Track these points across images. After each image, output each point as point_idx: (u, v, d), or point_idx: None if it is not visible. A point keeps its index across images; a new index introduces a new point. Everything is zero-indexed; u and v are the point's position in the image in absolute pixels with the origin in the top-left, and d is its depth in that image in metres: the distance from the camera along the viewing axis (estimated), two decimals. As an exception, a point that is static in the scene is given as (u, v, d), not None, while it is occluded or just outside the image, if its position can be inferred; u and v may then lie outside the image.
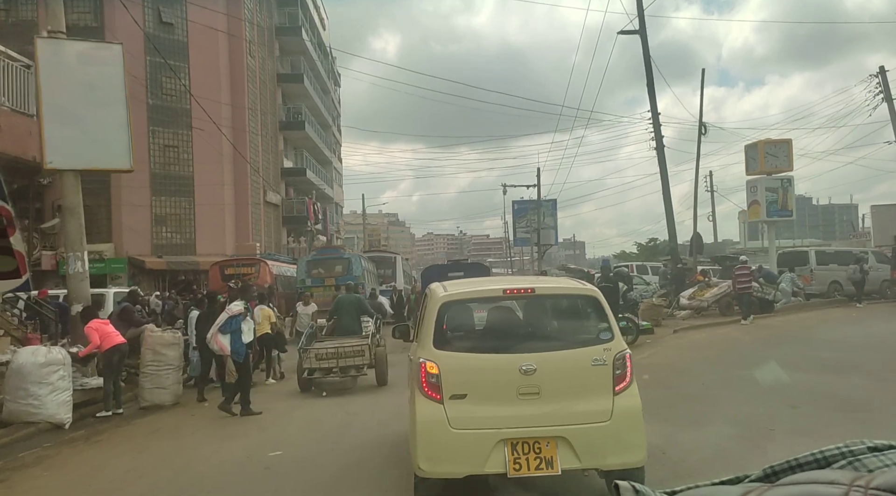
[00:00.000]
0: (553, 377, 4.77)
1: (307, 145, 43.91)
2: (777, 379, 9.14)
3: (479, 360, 4.96)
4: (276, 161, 38.94)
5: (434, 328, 4.96)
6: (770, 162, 22.97)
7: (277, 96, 39.89)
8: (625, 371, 4.86)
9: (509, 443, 4.58)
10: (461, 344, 5.27)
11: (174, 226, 29.54)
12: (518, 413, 4.67)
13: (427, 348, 4.93)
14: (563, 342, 5.16)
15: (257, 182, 33.99)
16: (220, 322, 8.74)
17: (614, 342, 4.91)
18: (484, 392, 4.77)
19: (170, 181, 29.22)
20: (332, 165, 53.64)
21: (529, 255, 74.24)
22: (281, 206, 39.87)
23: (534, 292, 5.30)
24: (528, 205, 56.28)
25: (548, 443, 4.59)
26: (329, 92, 53.26)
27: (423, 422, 4.76)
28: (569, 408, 4.71)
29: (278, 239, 39.05)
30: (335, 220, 54.96)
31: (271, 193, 36.96)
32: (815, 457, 0.78)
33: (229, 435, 8.18)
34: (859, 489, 0.64)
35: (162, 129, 29.02)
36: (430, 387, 4.79)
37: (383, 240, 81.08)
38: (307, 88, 41.57)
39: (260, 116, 35.36)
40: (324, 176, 48.29)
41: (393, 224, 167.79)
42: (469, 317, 5.73)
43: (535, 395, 4.70)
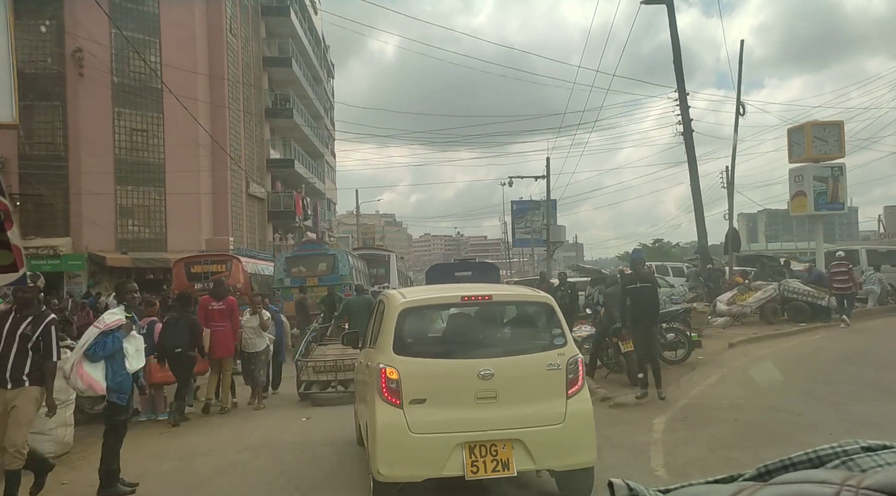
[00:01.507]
0: (510, 381, 4.86)
1: (296, 136, 40.85)
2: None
3: (439, 366, 5.03)
4: (261, 151, 35.91)
5: (393, 334, 4.97)
6: (818, 147, 20.03)
7: (263, 81, 36.85)
8: (577, 375, 5.00)
9: (467, 447, 4.68)
10: (420, 349, 5.24)
11: (142, 218, 26.49)
12: (476, 416, 4.74)
13: (387, 354, 4.94)
14: (520, 347, 5.29)
15: (238, 172, 30.96)
16: (84, 343, 5.65)
17: (567, 347, 5.05)
18: (443, 396, 4.85)
19: (137, 168, 26.17)
20: (324, 159, 50.61)
21: (528, 257, 72.11)
22: (266, 200, 36.83)
23: (491, 299, 5.40)
24: (528, 205, 54.68)
25: (504, 446, 4.70)
26: (321, 81, 50.22)
27: (383, 426, 4.78)
28: (524, 412, 4.80)
29: (263, 235, 36.01)
30: (327, 216, 51.88)
31: (255, 185, 33.90)
32: (809, 457, 0.78)
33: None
34: (850, 488, 0.63)
35: (129, 110, 25.98)
36: (389, 392, 4.81)
37: (378, 239, 78.01)
38: (296, 74, 38.53)
39: (242, 101, 32.33)
40: (314, 169, 45.24)
41: (390, 224, 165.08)
42: (428, 323, 5.85)
43: (492, 399, 4.79)
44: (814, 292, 18.20)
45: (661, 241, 76.06)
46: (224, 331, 9.68)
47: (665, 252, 66.27)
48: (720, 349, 12.51)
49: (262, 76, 36.72)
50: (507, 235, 70.39)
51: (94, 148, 24.40)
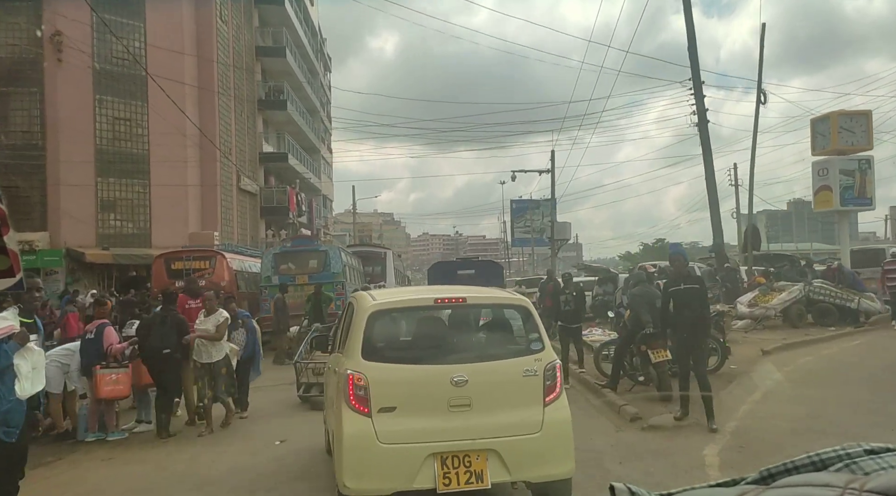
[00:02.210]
0: (484, 388, 4.65)
1: (291, 129, 39.46)
2: None
3: (410, 372, 4.78)
4: (253, 144, 34.53)
5: (362, 338, 4.71)
6: (845, 138, 18.70)
7: (256, 71, 35.49)
8: (555, 382, 4.80)
9: (439, 458, 4.44)
10: (390, 354, 4.99)
11: (125, 212, 25.10)
12: (449, 426, 4.53)
13: (355, 359, 4.69)
14: (495, 352, 5.08)
15: (228, 165, 29.58)
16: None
17: (545, 352, 4.83)
18: (414, 404, 4.61)
19: (120, 159, 24.77)
20: (319, 154, 49.24)
21: (527, 256, 70.98)
22: (259, 195, 35.47)
23: (465, 302, 5.20)
24: (528, 204, 53.48)
25: (478, 457, 4.47)
26: (317, 74, 48.84)
27: (350, 436, 4.53)
28: (500, 420, 4.59)
29: (255, 232, 34.63)
30: (322, 213, 50.52)
31: (246, 180, 32.52)
32: (812, 460, 0.77)
33: None
34: (853, 491, 0.63)
35: (111, 98, 24.57)
36: (357, 399, 4.56)
37: (376, 237, 76.50)
38: (290, 65, 37.16)
39: (233, 91, 30.94)
40: (310, 165, 43.87)
41: (388, 223, 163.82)
42: (399, 326, 5.56)
43: (466, 407, 4.57)
44: (843, 294, 16.92)
45: (663, 240, 74.67)
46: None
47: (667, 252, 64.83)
48: (752, 356, 11.15)
49: (255, 66, 35.35)
50: (505, 235, 69.57)
51: (74, 137, 23.00)
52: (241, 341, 8.81)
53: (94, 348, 7.98)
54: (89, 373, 7.92)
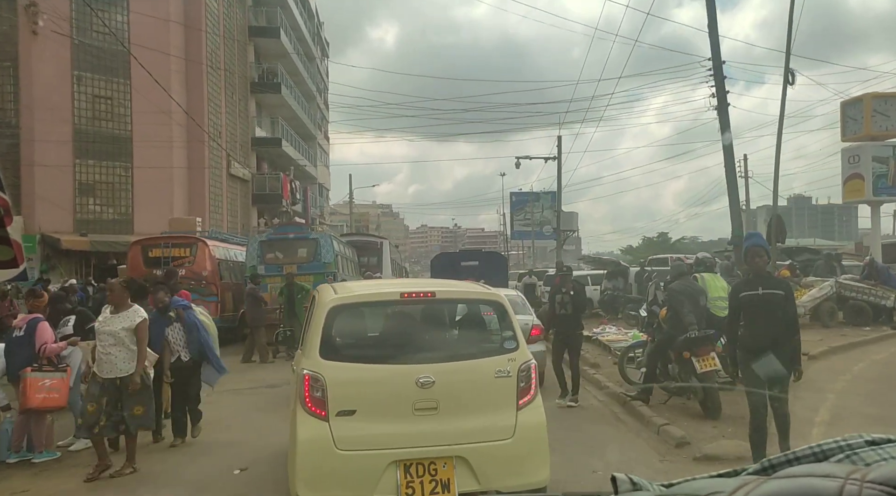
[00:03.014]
0: (453, 390, 4.33)
1: (286, 114, 37.93)
2: None
3: (371, 372, 4.43)
4: (245, 128, 33.04)
5: (321, 335, 4.37)
6: (879, 123, 17.30)
7: (249, 53, 33.95)
8: (529, 383, 4.49)
9: (402, 465, 4.13)
10: (351, 353, 4.69)
11: (105, 197, 23.65)
12: (413, 430, 4.21)
13: (312, 358, 4.33)
14: (466, 352, 4.80)
15: (218, 149, 28.10)
16: None
17: (519, 351, 4.52)
18: (376, 407, 4.28)
19: (100, 140, 23.29)
20: (316, 141, 47.71)
21: (526, 249, 70.16)
22: (251, 182, 34.01)
23: (434, 297, 4.80)
24: (528, 196, 53.06)
25: (445, 464, 4.17)
26: (314, 59, 47.21)
27: (305, 442, 4.18)
28: (469, 425, 4.27)
29: (247, 220, 33.19)
30: (318, 202, 49.03)
31: (237, 165, 31.05)
32: (813, 451, 0.77)
33: None
34: (855, 482, 0.63)
35: (91, 74, 23.08)
36: (313, 402, 4.22)
37: (374, 229, 74.97)
38: (285, 46, 35.58)
39: (224, 72, 29.43)
40: (305, 152, 42.33)
41: (386, 214, 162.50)
42: (361, 323, 5.15)
43: (432, 411, 4.24)
44: (876, 291, 15.59)
45: (666, 234, 73.45)
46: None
47: (671, 246, 63.59)
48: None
49: (248, 47, 33.82)
50: (505, 227, 68.94)
51: (51, 115, 21.52)
52: (179, 341, 6.98)
53: (24, 348, 6.59)
54: (16, 379, 6.53)
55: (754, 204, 55.67)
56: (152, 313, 6.76)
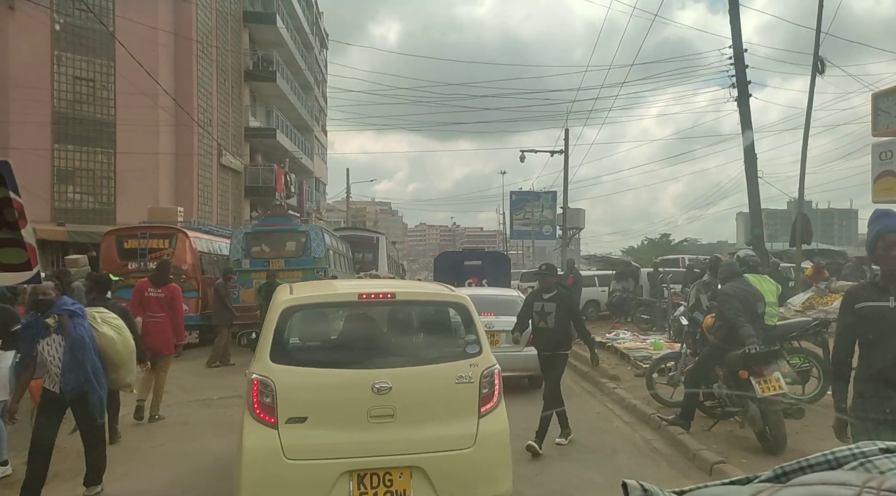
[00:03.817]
0: (411, 397, 4.14)
1: (281, 105, 36.58)
2: None
3: (325, 376, 4.25)
4: (238, 117, 31.72)
5: (272, 338, 4.17)
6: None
7: (243, 39, 32.61)
8: (493, 389, 4.30)
9: (355, 475, 3.93)
10: (304, 357, 4.59)
11: (86, 184, 22.32)
12: (368, 439, 4.01)
13: (262, 362, 4.11)
14: (425, 356, 4.56)
15: (208, 138, 26.79)
16: None
17: (482, 356, 4.34)
18: (328, 414, 4.08)
19: (81, 125, 21.97)
20: (313, 134, 46.36)
21: (525, 249, 69.39)
22: (244, 173, 32.70)
23: (394, 298, 4.68)
24: (528, 196, 52.03)
25: (401, 475, 3.97)
26: (312, 49, 45.89)
27: (252, 450, 3.96)
28: (427, 434, 4.08)
29: (238, 213, 31.87)
30: (315, 197, 47.71)
31: (228, 156, 29.73)
32: (827, 458, 0.76)
33: None
34: (871, 490, 0.62)
35: (72, 55, 21.74)
36: (262, 408, 4.01)
37: (371, 225, 73.63)
38: (282, 34, 34.25)
39: (216, 57, 28.10)
40: (301, 144, 41.00)
41: (385, 212, 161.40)
42: (316, 325, 5.06)
43: (388, 418, 4.04)
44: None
45: (668, 235, 72.27)
46: (160, 324, 8.24)
47: (673, 247, 62.41)
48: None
49: (242, 33, 32.47)
50: (504, 227, 68.25)
51: (28, 97, 20.17)
52: (56, 361, 5.03)
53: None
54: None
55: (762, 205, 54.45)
56: (28, 317, 5.40)
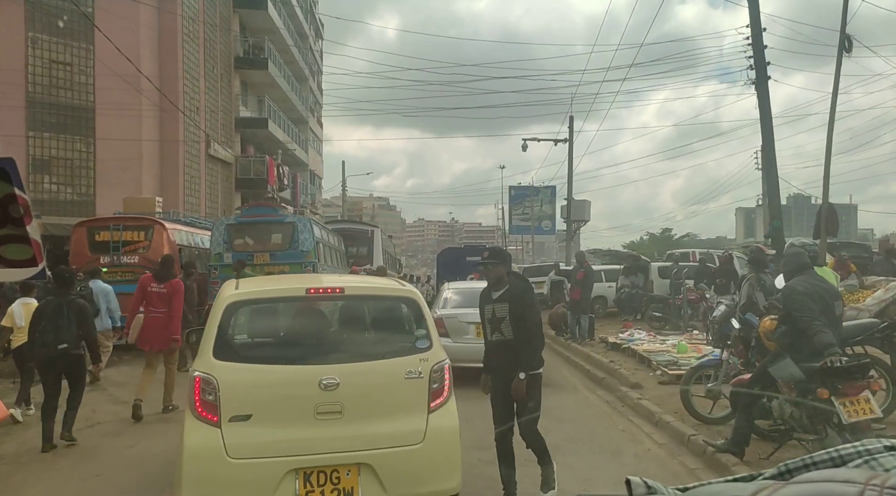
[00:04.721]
0: (359, 393, 4.07)
1: (274, 95, 35.32)
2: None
3: (270, 373, 4.13)
4: (227, 106, 30.48)
5: (216, 334, 4.11)
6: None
7: (233, 24, 31.36)
8: (443, 384, 4.24)
9: (302, 474, 3.86)
10: (249, 353, 4.45)
11: (63, 175, 21.13)
12: (314, 436, 3.94)
13: (205, 359, 4.06)
14: (374, 351, 4.49)
15: (196, 127, 25.57)
16: None
17: (432, 351, 4.28)
18: (273, 412, 3.98)
19: (58, 111, 20.78)
20: (307, 126, 45.11)
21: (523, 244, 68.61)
22: (235, 165, 31.49)
23: (343, 293, 4.61)
24: (527, 191, 52.07)
25: (348, 472, 3.91)
26: (307, 38, 44.61)
27: (193, 450, 3.86)
28: (375, 430, 4.01)
29: (229, 205, 30.64)
30: (310, 190, 46.46)
31: (217, 146, 28.50)
32: (831, 456, 0.76)
33: None
34: (875, 488, 0.62)
35: (48, 37, 20.53)
36: (204, 406, 3.92)
37: (368, 219, 72.38)
38: (274, 20, 33.00)
39: (203, 43, 26.86)
40: (296, 136, 39.76)
41: (383, 207, 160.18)
42: (262, 321, 4.84)
43: (336, 415, 3.97)
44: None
45: (669, 230, 71.20)
46: (161, 319, 8.15)
47: (675, 242, 61.40)
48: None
49: (232, 18, 31.21)
50: (503, 222, 67.50)
51: (1, 81, 19.01)
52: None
53: None
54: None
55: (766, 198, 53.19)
56: None
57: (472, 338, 9.13)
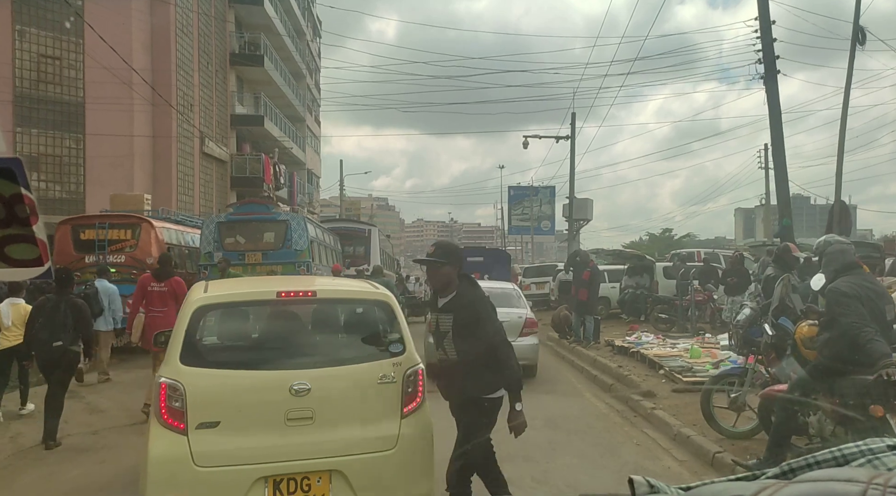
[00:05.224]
0: (331, 398, 3.97)
1: (271, 92, 34.76)
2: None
3: (239, 379, 4.00)
4: (223, 104, 29.93)
5: (183, 339, 3.95)
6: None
7: (228, 20, 30.78)
8: (416, 389, 4.08)
9: (271, 481, 3.76)
10: (218, 358, 4.30)
11: (52, 172, 20.59)
12: (285, 443, 3.82)
13: (172, 364, 3.91)
14: (347, 356, 4.32)
15: (189, 124, 25.01)
16: None
17: (405, 355, 4.11)
18: (243, 418, 3.86)
19: (46, 107, 20.21)
20: (305, 124, 44.53)
21: (522, 244, 68.14)
22: (230, 163, 30.93)
23: (315, 296, 4.51)
24: (526, 191, 51.30)
25: (319, 479, 3.82)
26: (304, 35, 44.04)
27: (158, 458, 3.72)
28: (347, 436, 3.90)
29: (224, 204, 30.04)
30: (307, 189, 45.87)
31: (212, 144, 27.95)
32: (834, 455, 0.76)
33: None
34: (878, 487, 0.62)
35: (36, 30, 19.98)
36: (170, 413, 3.78)
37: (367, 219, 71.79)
38: (270, 17, 32.44)
39: (198, 38, 26.31)
40: (293, 134, 39.21)
41: (382, 207, 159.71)
42: (231, 325, 4.74)
43: (307, 421, 3.86)
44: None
45: (670, 230, 70.76)
46: (162, 318, 7.96)
47: (676, 243, 60.94)
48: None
49: (227, 13, 30.66)
50: (502, 222, 67.08)
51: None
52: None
53: None
54: None
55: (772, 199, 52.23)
56: None
57: None
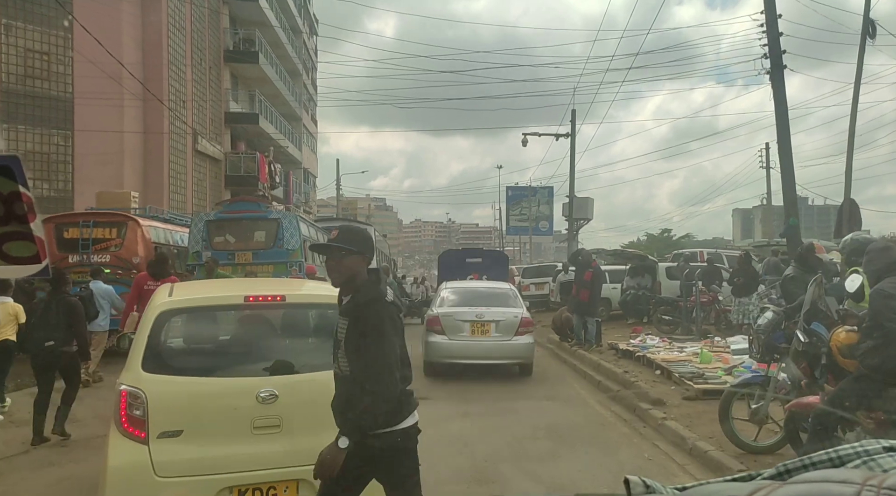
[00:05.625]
0: (298, 406, 3.84)
1: (266, 90, 34.26)
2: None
3: (204, 386, 3.91)
4: (216, 101, 29.43)
5: (146, 345, 3.86)
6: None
7: (222, 16, 30.31)
8: None
9: (236, 491, 3.66)
10: (181, 365, 4.17)
11: (39, 170, 20.03)
12: (250, 452, 3.72)
13: (133, 371, 3.81)
14: (315, 362, 4.04)
15: (182, 121, 24.51)
16: None
17: None
18: (207, 427, 3.78)
19: (34, 103, 19.70)
20: (301, 123, 44.04)
21: (520, 245, 67.86)
22: (224, 162, 30.45)
23: (283, 300, 4.35)
24: (524, 191, 51.36)
25: (286, 488, 3.73)
26: (300, 33, 43.55)
27: (117, 469, 3.62)
28: (315, 444, 3.18)
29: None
30: (304, 189, 45.38)
31: (205, 142, 27.45)
32: (830, 457, 0.77)
33: None
34: (872, 488, 0.62)
35: (23, 24, 19.47)
36: (130, 422, 3.68)
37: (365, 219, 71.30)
38: (265, 13, 31.95)
39: (191, 33, 25.80)
40: (289, 133, 38.71)
41: (379, 208, 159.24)
42: (196, 330, 4.62)
43: (274, 429, 3.78)
44: None
45: (669, 231, 70.34)
46: None
47: (675, 243, 60.53)
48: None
49: (221, 9, 30.17)
50: (500, 223, 66.80)
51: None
52: None
53: None
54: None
55: (767, 200, 51.62)
56: None
57: (466, 336, 10.27)
